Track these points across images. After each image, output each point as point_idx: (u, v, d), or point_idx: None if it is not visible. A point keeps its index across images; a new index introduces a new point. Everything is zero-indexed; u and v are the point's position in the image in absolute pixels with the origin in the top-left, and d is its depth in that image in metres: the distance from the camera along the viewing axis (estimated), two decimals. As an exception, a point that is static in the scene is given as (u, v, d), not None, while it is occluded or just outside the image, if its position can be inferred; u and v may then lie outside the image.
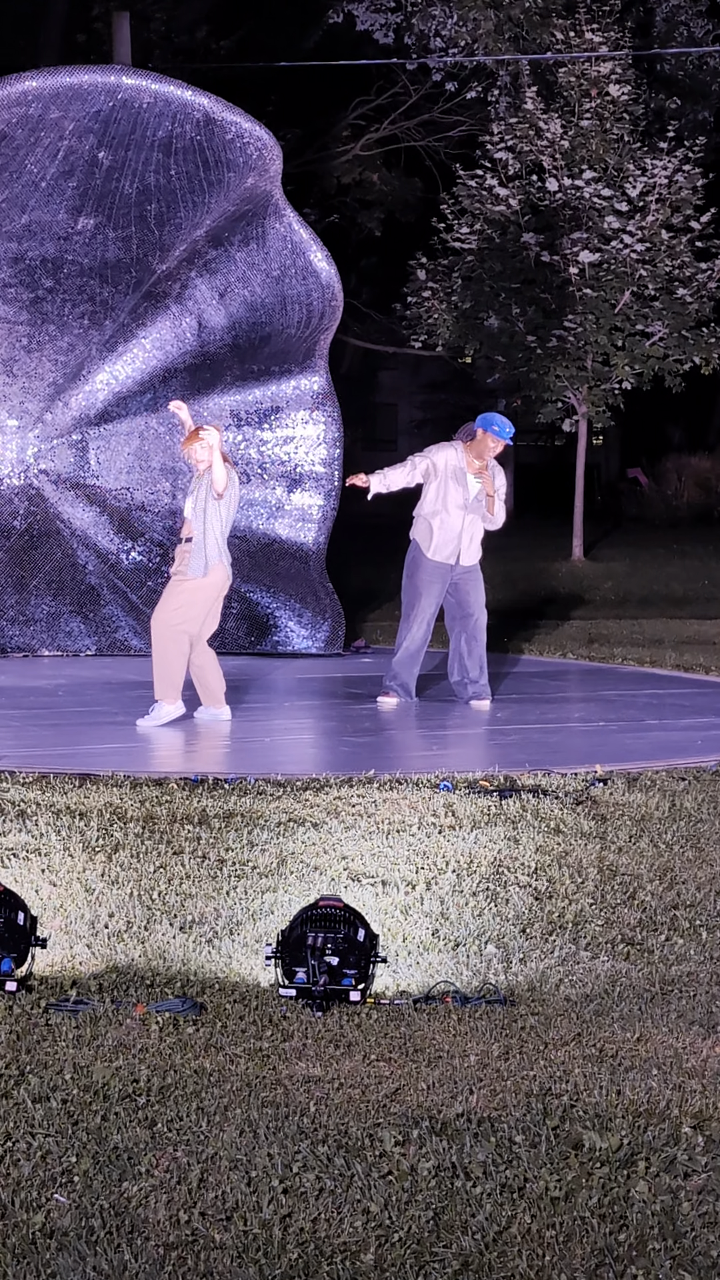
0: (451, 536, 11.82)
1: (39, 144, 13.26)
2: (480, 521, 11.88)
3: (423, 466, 11.85)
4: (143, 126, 13.35)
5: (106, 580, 14.82)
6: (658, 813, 8.25)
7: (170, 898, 6.58)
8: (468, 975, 5.79)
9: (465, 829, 7.81)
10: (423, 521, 11.89)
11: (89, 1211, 4.03)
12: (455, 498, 11.79)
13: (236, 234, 14.14)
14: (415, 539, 11.94)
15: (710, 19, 31.21)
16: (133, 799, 8.26)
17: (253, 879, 6.85)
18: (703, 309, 25.29)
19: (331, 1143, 4.40)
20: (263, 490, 15.05)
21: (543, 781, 8.97)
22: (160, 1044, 5.06)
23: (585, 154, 25.02)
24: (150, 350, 14.76)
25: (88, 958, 5.88)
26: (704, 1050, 5.11)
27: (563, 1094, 4.74)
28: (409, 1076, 4.86)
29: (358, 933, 5.61)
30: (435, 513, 11.83)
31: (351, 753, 10.13)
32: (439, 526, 11.81)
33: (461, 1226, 4.00)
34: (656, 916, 6.52)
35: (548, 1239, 3.96)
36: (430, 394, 45.62)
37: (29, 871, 6.87)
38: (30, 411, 14.77)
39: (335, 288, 14.33)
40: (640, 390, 25.95)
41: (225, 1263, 3.84)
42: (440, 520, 11.80)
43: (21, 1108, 4.59)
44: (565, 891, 6.82)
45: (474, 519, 11.85)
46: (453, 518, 11.79)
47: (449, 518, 11.80)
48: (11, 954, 5.61)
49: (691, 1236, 3.99)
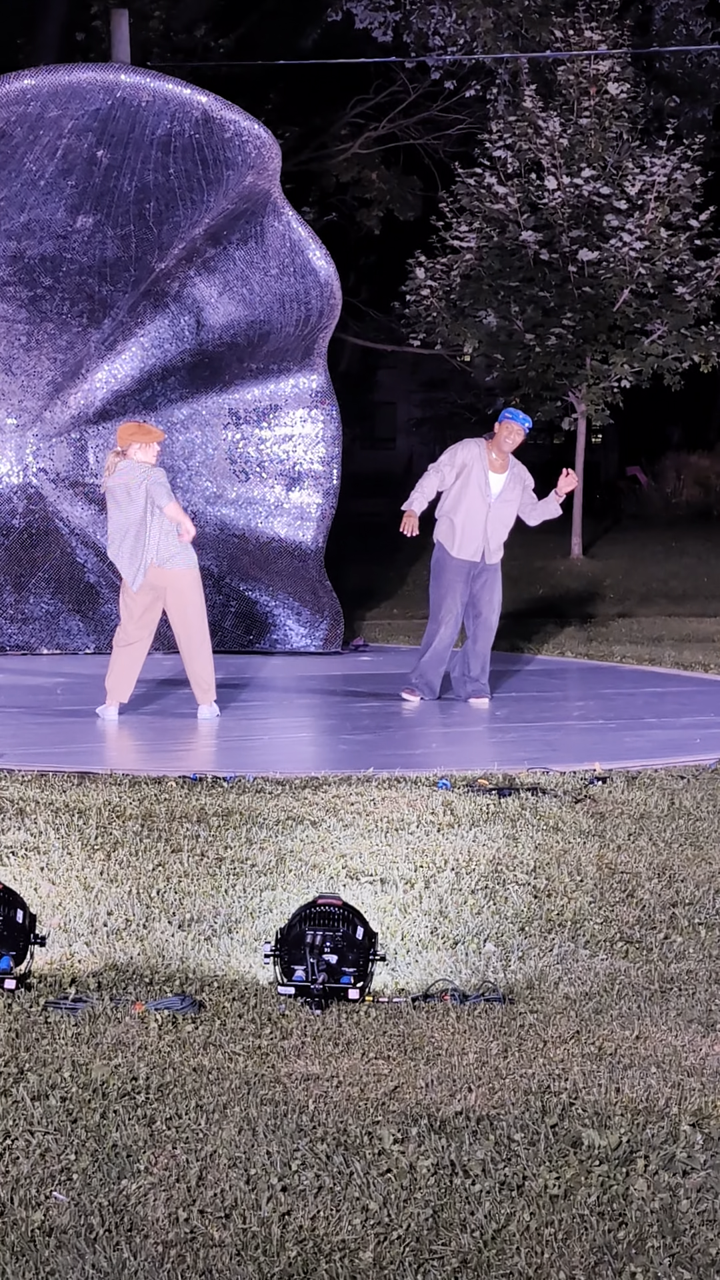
0: (476, 533, 11.78)
1: (38, 142, 13.26)
2: (507, 521, 11.86)
3: (451, 470, 11.84)
4: (141, 125, 13.35)
5: (105, 579, 14.82)
6: (656, 811, 8.25)
7: (169, 896, 6.58)
8: (466, 973, 5.79)
9: (464, 827, 7.81)
10: (445, 520, 11.84)
11: (88, 1209, 4.03)
12: (477, 495, 11.76)
13: (235, 232, 14.14)
14: (439, 540, 11.90)
15: (709, 17, 31.19)
16: (131, 797, 8.26)
17: (251, 877, 6.85)
18: (702, 307, 25.27)
19: (330, 1141, 4.40)
20: (261, 489, 15.05)
21: (542, 780, 8.97)
22: (159, 1042, 5.06)
23: (584, 152, 25.00)
24: (149, 349, 14.75)
25: (86, 956, 5.88)
26: (703, 1048, 5.11)
27: (561, 1092, 4.74)
28: (408, 1074, 4.86)
29: (356, 931, 5.61)
30: (458, 510, 11.79)
31: (350, 751, 10.13)
32: (462, 524, 11.76)
33: (460, 1224, 4.00)
34: (655, 914, 6.52)
35: (547, 1237, 3.96)
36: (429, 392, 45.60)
37: (28, 869, 6.87)
38: (29, 410, 14.77)
39: (334, 286, 14.33)
40: (639, 388, 25.94)
41: (224, 1260, 3.84)
42: (464, 518, 11.76)
43: (20, 1105, 4.59)
44: (564, 889, 6.82)
45: (497, 516, 11.82)
46: (476, 515, 11.75)
47: (472, 515, 11.76)
48: (10, 952, 5.61)
49: (690, 1234, 3.99)
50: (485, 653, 12.03)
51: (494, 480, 11.82)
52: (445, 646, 12.01)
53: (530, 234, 25.03)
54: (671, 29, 31.05)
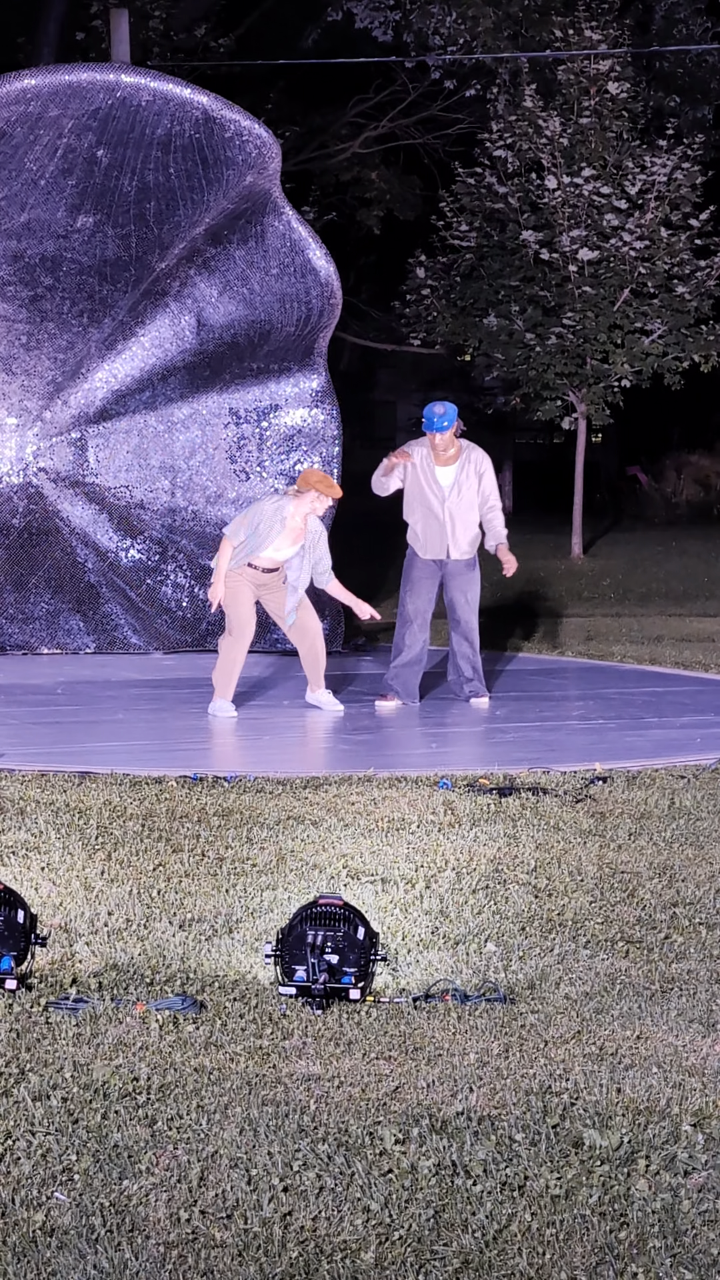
0: (435, 531, 11.69)
1: (38, 142, 13.26)
2: (468, 514, 11.74)
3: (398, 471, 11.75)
4: (142, 124, 13.35)
5: (106, 578, 14.82)
6: (657, 810, 8.25)
7: (169, 895, 6.58)
8: (467, 973, 5.79)
9: (465, 827, 7.81)
10: (409, 523, 11.84)
11: (89, 1210, 4.03)
12: (428, 493, 11.66)
13: (235, 232, 14.14)
14: (408, 542, 11.92)
15: (709, 16, 31.18)
16: (132, 797, 8.26)
17: (252, 877, 6.85)
18: (702, 306, 25.28)
19: (331, 1141, 4.40)
20: (261, 488, 15.04)
21: (542, 779, 8.97)
22: (160, 1042, 5.06)
23: (584, 151, 25.00)
24: (149, 348, 14.75)
25: (87, 956, 5.88)
26: (704, 1048, 5.11)
27: (563, 1092, 4.74)
28: (409, 1075, 4.86)
29: (357, 930, 5.61)
30: (414, 512, 11.78)
31: (351, 751, 10.13)
32: (421, 525, 11.73)
33: (462, 1225, 4.00)
34: (656, 914, 6.52)
35: (548, 1237, 3.96)
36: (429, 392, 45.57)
37: (28, 869, 6.87)
38: (29, 409, 14.77)
39: (334, 285, 14.32)
40: (639, 388, 25.94)
41: (225, 1261, 3.84)
42: (420, 518, 11.72)
43: (21, 1106, 4.59)
44: (565, 889, 6.83)
45: (455, 509, 11.65)
46: (431, 512, 11.66)
47: (429, 514, 11.69)
48: (11, 952, 5.61)
49: (692, 1234, 3.99)
50: (472, 654, 11.91)
51: (443, 474, 11.64)
52: (419, 647, 11.85)
53: (530, 233, 25.03)
54: (671, 28, 31.04)
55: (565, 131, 24.99)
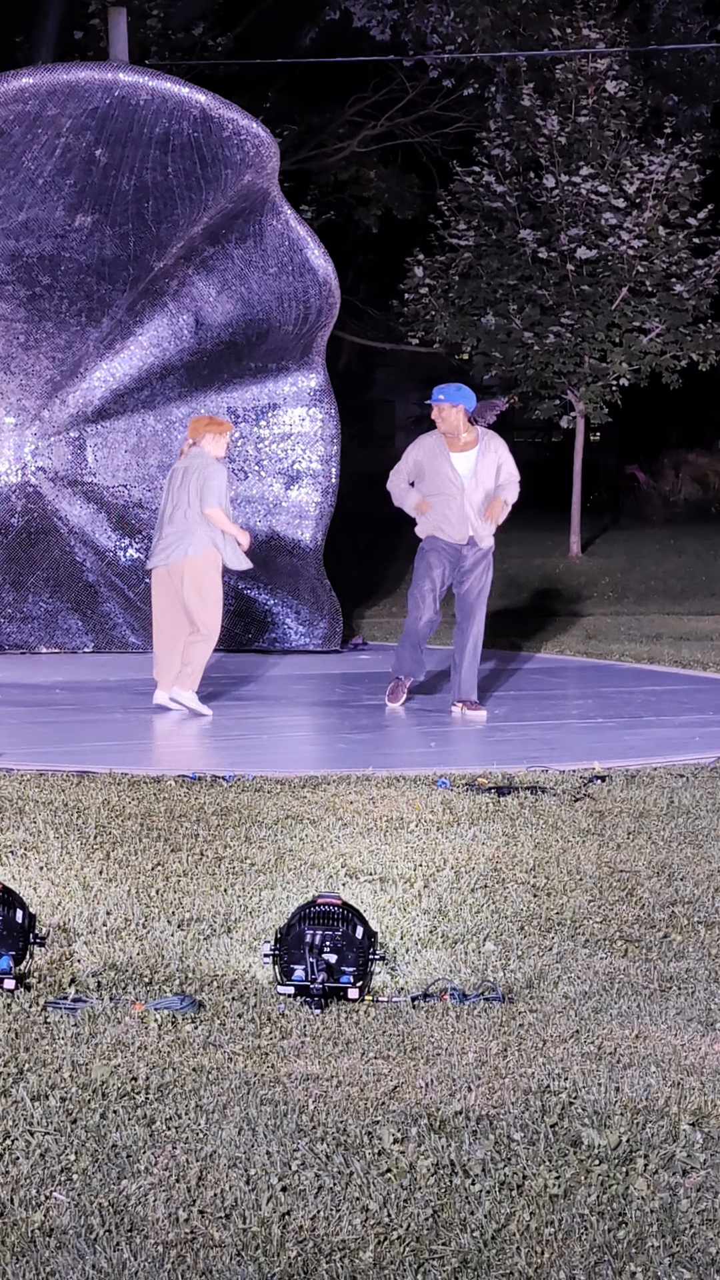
0: (456, 512, 11.34)
1: (36, 141, 13.26)
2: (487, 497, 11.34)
3: (405, 471, 11.56)
4: (140, 124, 13.35)
5: (104, 577, 14.82)
6: (656, 809, 8.25)
7: (168, 895, 6.58)
8: (466, 972, 5.79)
9: (463, 826, 7.81)
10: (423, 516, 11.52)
11: (88, 1209, 4.03)
12: (446, 481, 11.36)
13: (234, 231, 14.14)
14: (421, 533, 11.60)
15: (707, 15, 31.18)
16: (130, 796, 8.26)
17: (250, 876, 6.85)
18: (700, 305, 25.28)
19: (330, 1140, 4.40)
20: (260, 487, 15.05)
21: (541, 778, 8.97)
22: (159, 1042, 5.06)
23: (582, 150, 24.99)
24: (147, 347, 14.75)
25: (86, 955, 5.88)
26: (702, 1047, 5.11)
27: (561, 1091, 4.74)
28: (407, 1074, 4.86)
29: (356, 930, 5.60)
30: (434, 501, 11.42)
31: (349, 749, 10.13)
32: (442, 511, 11.34)
33: (460, 1224, 4.00)
34: (655, 913, 6.52)
35: (546, 1236, 3.96)
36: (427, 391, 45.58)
37: (27, 869, 6.87)
38: (28, 409, 14.77)
39: (332, 284, 14.33)
40: (638, 387, 25.94)
41: (224, 1261, 3.84)
42: (440, 505, 11.33)
43: (20, 1106, 4.58)
44: (563, 888, 6.82)
45: (480, 499, 11.34)
46: (453, 499, 11.33)
47: (449, 500, 11.31)
48: (10, 951, 5.60)
49: (690, 1233, 3.99)
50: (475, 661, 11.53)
51: (460, 460, 11.36)
52: (425, 625, 11.49)
53: (528, 232, 25.03)
54: (669, 27, 31.03)
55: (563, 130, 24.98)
